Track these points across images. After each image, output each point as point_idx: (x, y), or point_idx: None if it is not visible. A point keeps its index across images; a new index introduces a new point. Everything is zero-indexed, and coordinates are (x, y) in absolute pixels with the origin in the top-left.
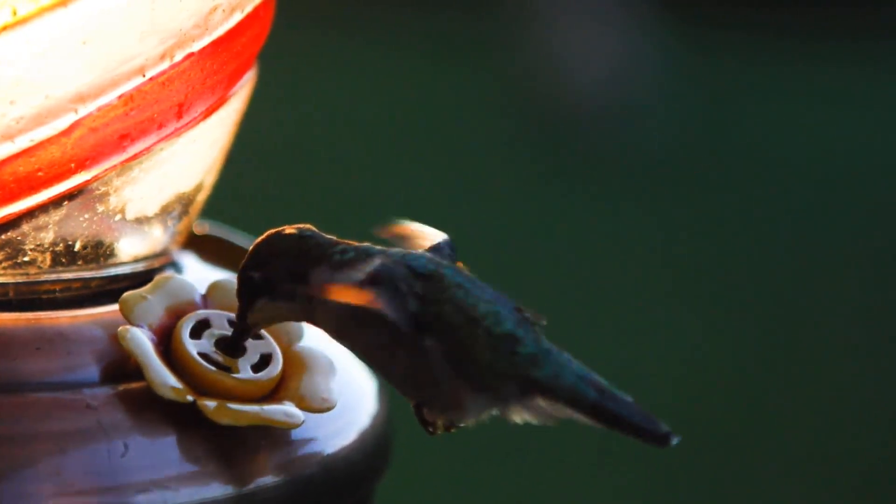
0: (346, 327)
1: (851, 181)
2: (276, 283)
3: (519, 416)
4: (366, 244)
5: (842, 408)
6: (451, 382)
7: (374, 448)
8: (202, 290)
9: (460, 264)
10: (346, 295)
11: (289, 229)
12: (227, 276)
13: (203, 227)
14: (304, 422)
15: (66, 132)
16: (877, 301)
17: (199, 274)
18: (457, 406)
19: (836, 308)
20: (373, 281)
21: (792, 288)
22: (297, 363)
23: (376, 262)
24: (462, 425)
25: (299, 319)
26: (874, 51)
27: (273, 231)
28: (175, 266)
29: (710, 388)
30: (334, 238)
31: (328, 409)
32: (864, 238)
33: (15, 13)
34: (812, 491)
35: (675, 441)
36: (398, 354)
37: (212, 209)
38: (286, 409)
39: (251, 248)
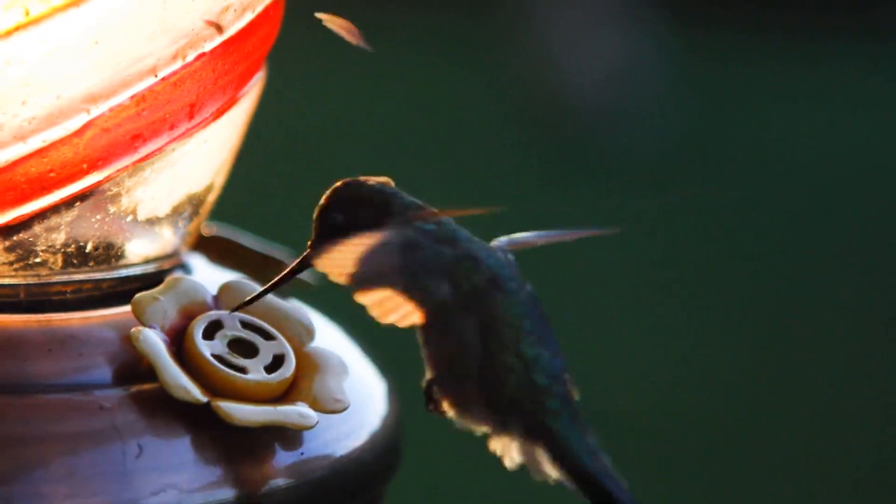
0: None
1: (851, 181)
2: (359, 229)
3: (509, 455)
4: (453, 224)
5: (841, 408)
6: (470, 382)
7: (385, 449)
8: (213, 291)
9: None
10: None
11: (371, 180)
12: (237, 278)
13: (210, 229)
14: (317, 423)
15: (78, 133)
16: (876, 301)
17: (208, 275)
18: (462, 404)
19: (836, 308)
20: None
21: (791, 288)
22: (309, 364)
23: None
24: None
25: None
26: (874, 51)
27: (350, 178)
28: (185, 267)
29: (709, 387)
30: (420, 202)
31: (341, 410)
32: (863, 238)
33: (27, 13)
34: (812, 491)
35: None
36: (441, 327)
37: (216, 209)
38: (300, 410)
39: (330, 191)
